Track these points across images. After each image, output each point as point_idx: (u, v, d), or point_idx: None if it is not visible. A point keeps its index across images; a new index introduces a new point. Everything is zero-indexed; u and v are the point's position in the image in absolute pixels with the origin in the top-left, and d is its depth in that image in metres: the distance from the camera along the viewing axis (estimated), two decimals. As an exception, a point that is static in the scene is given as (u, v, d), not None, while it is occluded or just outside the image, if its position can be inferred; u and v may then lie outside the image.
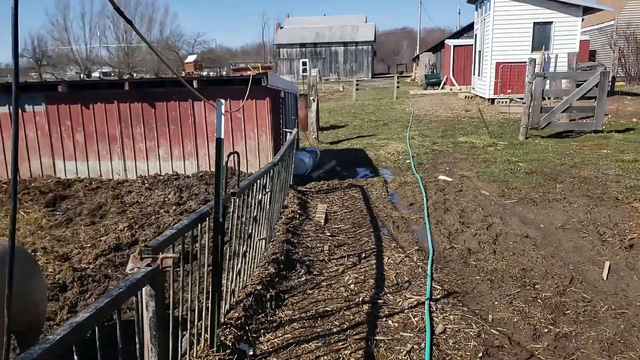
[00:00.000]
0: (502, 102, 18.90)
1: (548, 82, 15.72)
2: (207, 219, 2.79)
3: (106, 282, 3.94)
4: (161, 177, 7.35)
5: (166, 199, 6.30)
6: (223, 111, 2.65)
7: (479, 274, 4.41)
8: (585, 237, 5.20)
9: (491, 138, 11.62)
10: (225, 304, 3.38)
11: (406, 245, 5.12)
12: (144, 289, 1.87)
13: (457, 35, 36.33)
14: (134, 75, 56.22)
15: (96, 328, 1.55)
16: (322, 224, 5.78)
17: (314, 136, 12.26)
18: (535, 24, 18.57)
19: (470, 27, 32.78)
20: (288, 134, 7.18)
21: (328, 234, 5.45)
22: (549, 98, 14.88)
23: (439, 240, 5.32)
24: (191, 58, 66.71)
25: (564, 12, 18.35)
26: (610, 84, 20.18)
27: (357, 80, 27.23)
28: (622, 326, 3.45)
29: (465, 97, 22.79)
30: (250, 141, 7.43)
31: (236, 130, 7.45)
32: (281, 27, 61.93)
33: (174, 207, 5.89)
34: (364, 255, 4.83)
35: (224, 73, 64.06)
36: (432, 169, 8.87)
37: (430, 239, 5.32)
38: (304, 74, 57.54)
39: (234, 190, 3.17)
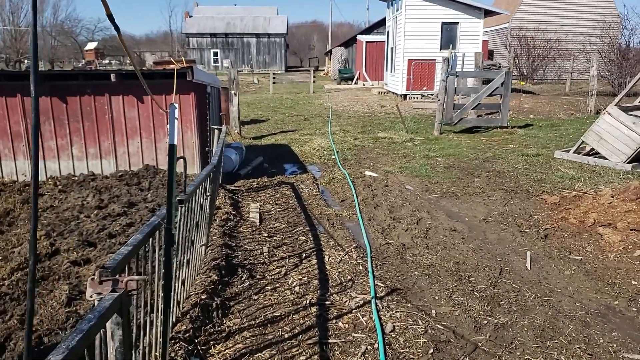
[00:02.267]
0: (414, 98, 19.78)
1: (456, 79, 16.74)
2: (157, 231, 2.60)
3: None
4: (75, 178, 6.76)
5: (85, 202, 5.81)
6: (177, 115, 2.47)
7: (416, 269, 4.57)
8: (506, 229, 5.60)
9: (408, 134, 12.11)
10: (172, 317, 3.18)
11: (344, 242, 5.17)
12: (111, 319, 1.69)
13: (368, 31, 37.35)
14: (25, 62, 51.22)
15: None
16: (258, 224, 5.66)
17: (236, 131, 11.99)
18: (443, 23, 19.61)
19: (380, 23, 33.90)
20: (216, 130, 6.92)
21: (265, 234, 5.35)
22: (457, 95, 15.84)
23: (374, 237, 5.43)
24: (91, 45, 62.19)
25: (468, 14, 19.56)
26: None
27: (273, 74, 27.01)
28: (549, 313, 3.75)
29: (379, 92, 23.54)
30: (175, 138, 7.06)
31: (158, 126, 7.05)
32: (190, 16, 59.67)
33: (95, 212, 5.45)
34: (304, 255, 4.80)
35: (128, 62, 60.40)
36: (357, 164, 9.05)
37: (366, 235, 5.42)
38: (216, 64, 56.06)
39: (180, 197, 2.99)
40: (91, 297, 1.76)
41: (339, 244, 5.16)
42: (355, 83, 30.93)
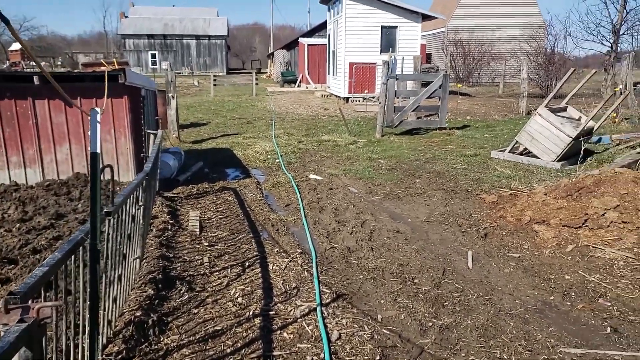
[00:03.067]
0: (357, 101, 19.99)
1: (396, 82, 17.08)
2: (81, 247, 2.38)
3: None
4: (-5, 189, 6.22)
5: (5, 215, 5.35)
6: (99, 119, 2.27)
7: (362, 273, 4.53)
8: (447, 229, 5.69)
9: (351, 136, 12.17)
10: (102, 338, 2.94)
11: (289, 248, 5.06)
12: (18, 352, 1.49)
13: (310, 34, 37.43)
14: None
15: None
16: (198, 233, 5.43)
17: (174, 135, 11.57)
18: (383, 27, 19.95)
19: (322, 26, 34.03)
20: (151, 135, 6.61)
21: (206, 244, 5.13)
22: (397, 97, 16.15)
23: (319, 241, 5.35)
24: (16, 45, 58.31)
25: (406, 18, 20.02)
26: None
27: (214, 76, 26.45)
28: (491, 312, 3.81)
29: (322, 95, 23.62)
30: (107, 144, 6.68)
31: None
32: (126, 16, 57.46)
33: (17, 225, 5.02)
34: (247, 264, 4.64)
35: (60, 63, 57.43)
36: (302, 168, 8.97)
37: (311, 240, 5.33)
38: (154, 66, 54.25)
39: (108, 209, 2.77)
40: (-4, 329, 1.55)
41: (284, 250, 5.04)
42: (299, 86, 30.90)
